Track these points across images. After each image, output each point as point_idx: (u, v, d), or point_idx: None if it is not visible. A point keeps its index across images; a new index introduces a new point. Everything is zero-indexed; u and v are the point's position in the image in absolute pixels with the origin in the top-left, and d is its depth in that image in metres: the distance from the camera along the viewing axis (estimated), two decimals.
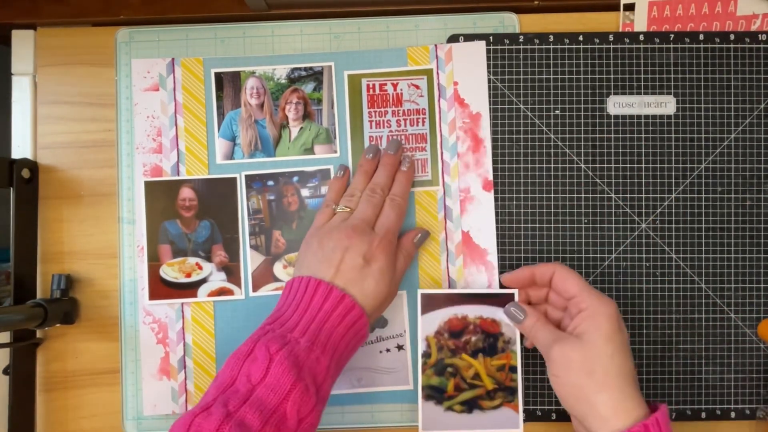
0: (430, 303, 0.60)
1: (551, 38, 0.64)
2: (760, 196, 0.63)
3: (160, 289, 0.63)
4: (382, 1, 0.65)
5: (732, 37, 0.63)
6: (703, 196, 0.63)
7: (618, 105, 0.63)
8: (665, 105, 0.63)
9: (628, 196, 0.63)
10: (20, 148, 0.65)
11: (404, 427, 0.63)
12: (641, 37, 0.63)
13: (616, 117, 0.63)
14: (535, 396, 0.62)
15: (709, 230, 0.63)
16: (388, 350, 0.63)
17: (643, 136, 0.63)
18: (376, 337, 0.63)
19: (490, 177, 0.63)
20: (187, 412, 0.47)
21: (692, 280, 0.63)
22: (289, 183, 0.64)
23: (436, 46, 0.64)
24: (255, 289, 0.63)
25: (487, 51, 0.64)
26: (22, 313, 0.58)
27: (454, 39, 0.64)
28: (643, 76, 0.63)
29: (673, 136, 0.63)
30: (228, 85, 0.64)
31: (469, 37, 0.64)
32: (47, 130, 0.65)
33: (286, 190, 0.64)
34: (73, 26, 0.66)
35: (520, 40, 0.64)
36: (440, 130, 0.64)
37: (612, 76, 0.63)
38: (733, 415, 0.62)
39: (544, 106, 0.64)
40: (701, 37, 0.63)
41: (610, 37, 0.63)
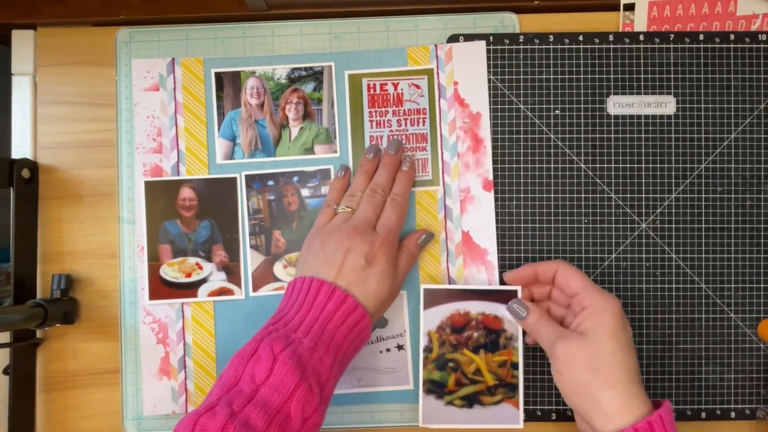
0: (432, 298, 0.60)
1: (551, 38, 0.64)
2: (760, 196, 0.63)
3: (160, 289, 0.63)
4: (382, 1, 0.65)
5: (732, 37, 0.63)
6: (703, 196, 0.63)
7: (618, 105, 0.63)
8: (665, 105, 0.63)
9: (628, 196, 0.63)
10: (20, 148, 0.65)
11: (404, 427, 0.63)
12: (641, 37, 0.63)
13: (616, 117, 0.63)
14: (534, 396, 0.62)
15: (709, 230, 0.63)
16: (388, 350, 0.63)
17: (643, 136, 0.63)
18: (377, 337, 0.63)
19: (490, 177, 0.63)
20: (191, 412, 0.47)
21: (692, 280, 0.63)
22: (289, 183, 0.64)
23: (436, 46, 0.64)
24: (255, 289, 0.63)
25: (487, 51, 0.64)
26: (22, 313, 0.58)
27: (454, 39, 0.64)
28: (643, 76, 0.63)
29: (673, 136, 0.63)
30: (228, 85, 0.64)
31: (469, 37, 0.64)
32: (47, 130, 0.65)
33: (286, 190, 0.64)
34: (73, 26, 0.66)
35: (520, 40, 0.64)
36: (440, 130, 0.64)
37: (612, 76, 0.63)
38: (733, 415, 0.62)
39: (544, 106, 0.64)
40: (701, 37, 0.63)
41: (610, 37, 0.63)
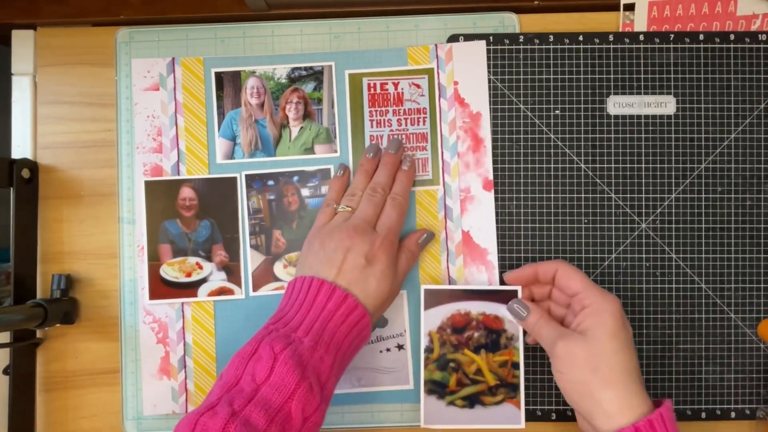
0: (433, 299, 0.60)
1: (551, 38, 0.64)
2: (760, 196, 0.63)
3: (160, 288, 0.63)
4: (382, 1, 0.65)
5: (732, 37, 0.63)
6: (703, 196, 0.63)
7: (618, 105, 0.63)
8: (665, 105, 0.63)
9: (628, 196, 0.63)
10: (20, 148, 0.65)
11: (404, 427, 0.63)
12: (641, 37, 0.63)
13: (616, 117, 0.63)
14: (534, 396, 0.62)
15: (709, 230, 0.63)
16: (389, 350, 0.63)
17: (643, 136, 0.63)
18: (377, 337, 0.63)
19: (491, 177, 0.63)
20: (191, 412, 0.47)
21: (692, 280, 0.63)
22: (289, 183, 0.64)
23: (436, 45, 0.64)
24: (255, 289, 0.63)
25: (487, 51, 0.64)
26: (22, 313, 0.58)
27: (454, 39, 0.64)
28: (643, 76, 0.63)
29: (673, 136, 0.63)
30: (228, 85, 0.64)
31: (469, 37, 0.64)
32: (47, 130, 0.65)
33: (286, 189, 0.64)
34: (73, 26, 0.66)
35: (520, 40, 0.64)
36: (441, 130, 0.64)
37: (612, 76, 0.63)
38: (733, 415, 0.62)
39: (544, 106, 0.64)
40: (701, 37, 0.63)
41: (610, 37, 0.63)
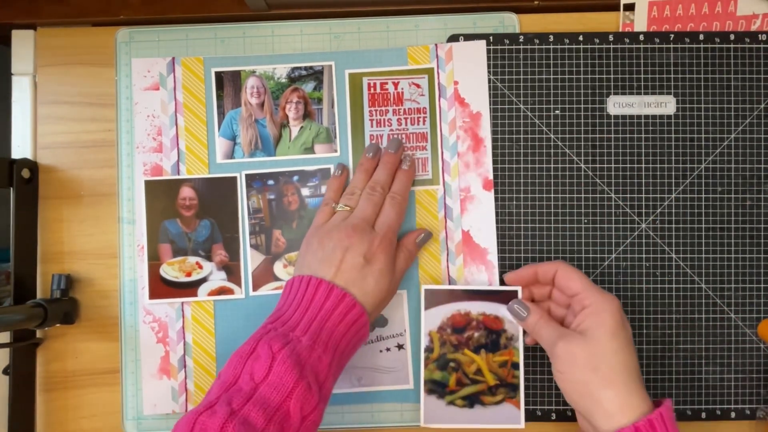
0: (433, 299, 0.60)
1: (551, 38, 0.64)
2: (760, 196, 0.63)
3: (160, 288, 0.63)
4: (382, 1, 0.65)
5: (732, 37, 0.63)
6: (703, 196, 0.63)
7: (618, 105, 0.63)
8: (665, 105, 0.63)
9: (628, 196, 0.63)
10: (20, 148, 0.65)
11: (404, 427, 0.63)
12: (641, 37, 0.63)
13: (616, 117, 0.63)
14: (534, 396, 0.62)
15: (709, 230, 0.63)
16: (388, 349, 0.63)
17: (643, 136, 0.63)
18: (376, 337, 0.63)
19: (491, 176, 0.63)
20: (190, 411, 0.47)
21: (692, 280, 0.63)
22: (289, 182, 0.64)
23: (436, 45, 0.64)
24: (255, 289, 0.63)
25: (487, 51, 0.64)
26: (22, 313, 0.58)
27: (454, 39, 0.64)
28: (643, 76, 0.63)
29: (673, 136, 0.63)
30: (228, 85, 0.64)
31: (469, 37, 0.64)
32: (47, 130, 0.65)
33: (286, 189, 0.64)
34: (73, 26, 0.66)
35: (520, 40, 0.64)
36: (440, 130, 0.64)
37: (612, 76, 0.63)
38: (733, 415, 0.62)
39: (544, 106, 0.64)
40: (701, 37, 0.63)
41: (610, 37, 0.63)
